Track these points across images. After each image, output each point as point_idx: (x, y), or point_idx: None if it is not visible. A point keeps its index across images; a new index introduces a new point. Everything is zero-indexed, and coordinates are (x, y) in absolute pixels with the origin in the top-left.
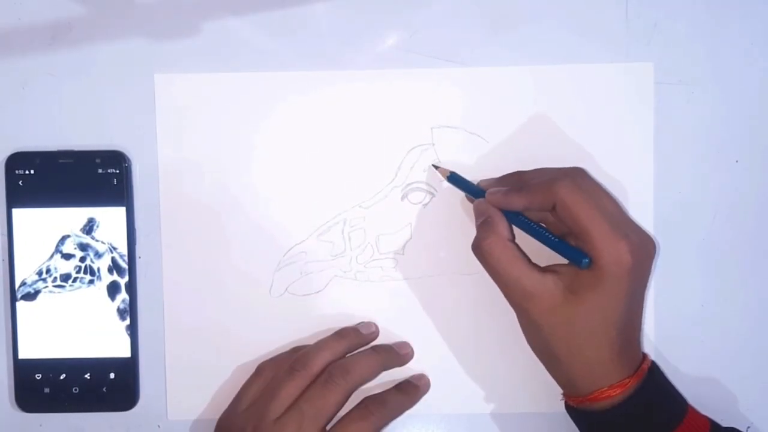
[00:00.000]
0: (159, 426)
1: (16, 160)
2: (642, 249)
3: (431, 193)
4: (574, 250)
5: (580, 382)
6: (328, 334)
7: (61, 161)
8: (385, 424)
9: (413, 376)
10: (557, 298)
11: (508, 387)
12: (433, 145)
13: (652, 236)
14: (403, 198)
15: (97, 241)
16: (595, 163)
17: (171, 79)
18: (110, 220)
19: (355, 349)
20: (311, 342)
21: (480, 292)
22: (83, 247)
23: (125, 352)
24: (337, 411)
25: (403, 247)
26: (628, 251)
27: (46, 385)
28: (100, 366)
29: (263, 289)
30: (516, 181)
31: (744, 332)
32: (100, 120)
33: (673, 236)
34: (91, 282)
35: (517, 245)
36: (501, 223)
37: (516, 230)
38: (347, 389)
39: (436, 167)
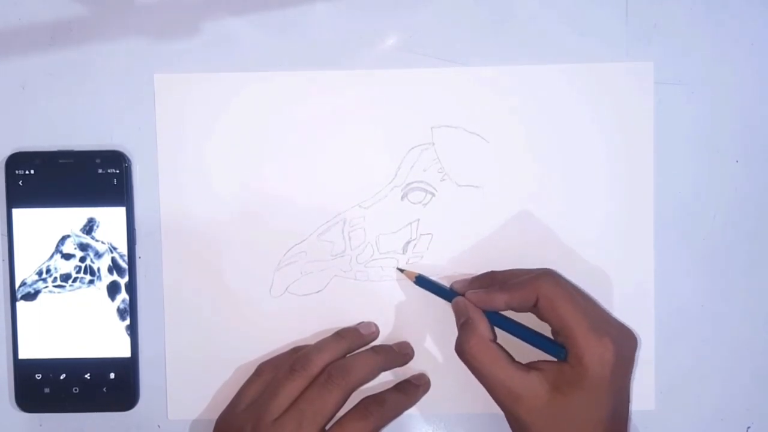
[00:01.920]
0: (159, 426)
1: (16, 160)
2: (624, 344)
3: (431, 193)
4: (552, 344)
5: None
6: (328, 334)
7: (61, 161)
8: (385, 423)
9: (413, 376)
10: (543, 397)
11: None
12: (433, 144)
13: (632, 330)
14: (403, 198)
15: (97, 241)
16: (595, 163)
17: (171, 79)
18: (110, 220)
19: (355, 349)
20: (311, 342)
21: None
22: (83, 247)
23: (125, 352)
24: (337, 411)
25: (404, 246)
26: (611, 348)
27: (46, 385)
28: (100, 366)
29: (263, 288)
30: (490, 280)
31: (744, 332)
32: (100, 120)
33: (673, 236)
34: (91, 282)
35: (499, 345)
36: (482, 324)
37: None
38: (347, 390)
39: (401, 270)
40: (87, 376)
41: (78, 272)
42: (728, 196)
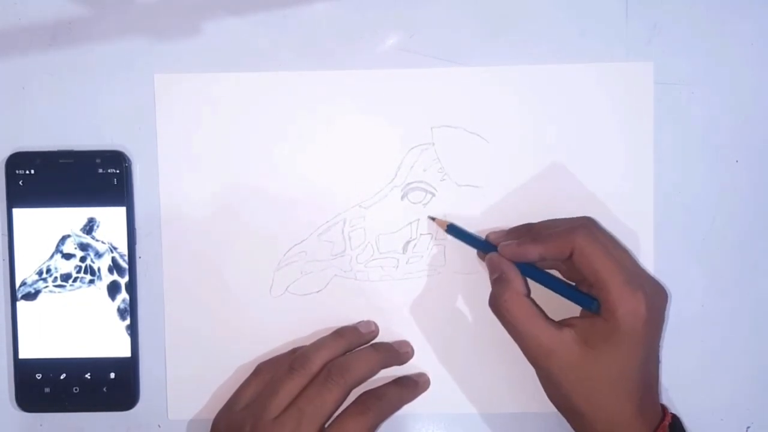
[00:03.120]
0: (159, 426)
1: (17, 160)
2: (656, 300)
3: (431, 193)
4: (585, 295)
5: None
6: (328, 333)
7: (61, 161)
8: (384, 418)
9: (414, 373)
10: (575, 353)
11: (507, 387)
12: (433, 144)
13: (663, 286)
14: (403, 197)
15: (97, 240)
16: (595, 163)
17: (171, 79)
18: (110, 220)
19: (355, 347)
20: (311, 341)
21: (480, 291)
22: (83, 246)
23: (125, 352)
24: (336, 409)
25: (404, 246)
26: (644, 302)
27: (46, 384)
28: (100, 366)
29: (264, 288)
30: (526, 232)
31: (744, 332)
32: (100, 120)
33: (673, 236)
34: (91, 282)
35: (533, 301)
36: (516, 279)
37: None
38: (346, 388)
39: (433, 219)
40: (87, 375)
41: (78, 272)
42: (728, 196)
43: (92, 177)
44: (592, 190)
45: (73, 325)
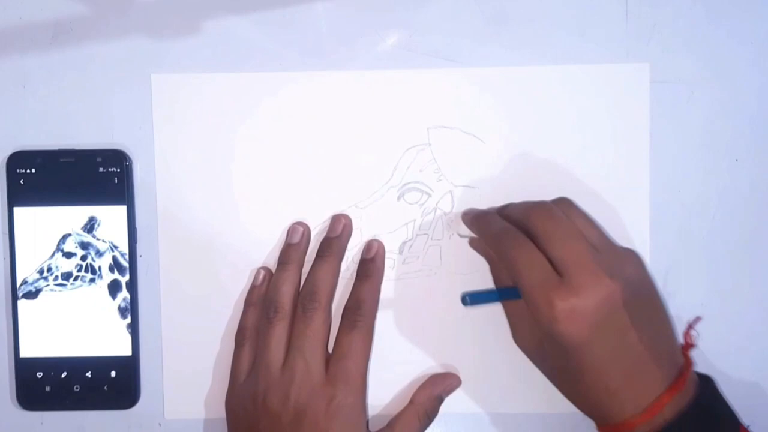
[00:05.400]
0: (160, 424)
1: (17, 159)
2: (632, 271)
3: (427, 194)
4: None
5: (628, 403)
6: (275, 270)
7: (62, 160)
8: (373, 317)
9: (363, 251)
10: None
11: (507, 387)
12: (430, 145)
13: (630, 249)
14: (399, 198)
15: (98, 239)
16: (592, 164)
17: (168, 79)
18: (111, 218)
19: (302, 261)
20: None
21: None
22: (84, 245)
23: (126, 351)
24: (328, 329)
25: (400, 247)
26: (617, 287)
27: (47, 383)
28: (101, 364)
29: None
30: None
31: (744, 332)
32: (101, 119)
33: (673, 236)
34: (92, 280)
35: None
36: None
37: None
38: (324, 308)
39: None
40: (88, 374)
41: (79, 271)
42: (728, 196)
43: (93, 176)
44: (588, 191)
45: (74, 324)
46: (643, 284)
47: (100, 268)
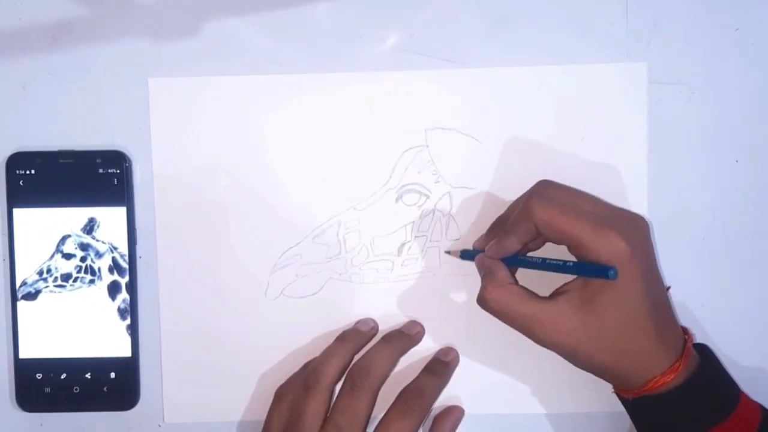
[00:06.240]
0: (159, 426)
1: (17, 160)
2: (634, 231)
3: (426, 195)
4: (595, 266)
5: (633, 377)
6: (325, 336)
7: (61, 161)
8: (426, 415)
9: (440, 352)
10: (577, 316)
11: (506, 387)
12: (427, 146)
13: (638, 215)
14: (397, 200)
15: (97, 240)
16: (590, 164)
17: (165, 83)
18: (111, 220)
19: (360, 348)
20: (308, 345)
21: (474, 293)
22: (84, 246)
23: (126, 352)
24: (370, 413)
25: (398, 249)
26: (621, 238)
27: (46, 384)
28: (100, 365)
29: (259, 291)
30: (500, 226)
31: (744, 332)
32: (100, 120)
33: (673, 236)
34: (91, 282)
35: (520, 286)
36: (499, 271)
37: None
38: (373, 390)
39: (448, 252)
40: (87, 375)
41: (79, 272)
42: (728, 196)
43: (93, 177)
44: (587, 191)
45: (74, 325)
46: (651, 247)
47: (99, 269)
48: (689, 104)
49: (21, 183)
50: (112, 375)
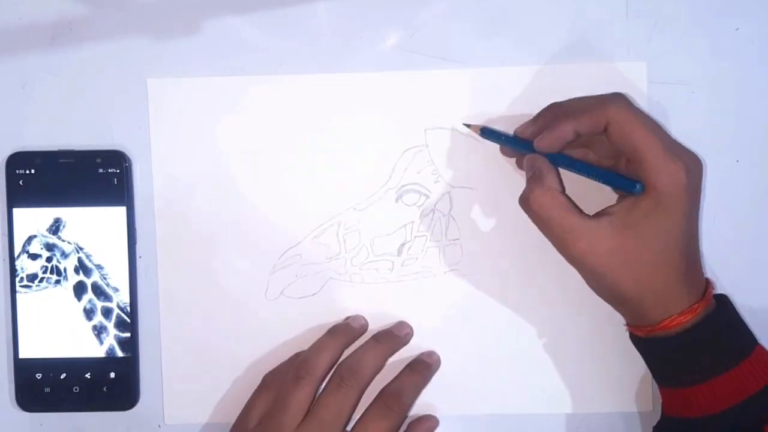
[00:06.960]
0: (159, 426)
1: (17, 159)
2: (695, 168)
3: (425, 195)
4: (626, 178)
5: (651, 312)
6: (323, 334)
7: (61, 161)
8: (406, 414)
9: (424, 353)
10: (615, 238)
11: (505, 387)
12: (427, 146)
13: (698, 155)
14: (397, 200)
15: (63, 241)
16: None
17: (164, 83)
18: (111, 219)
19: (351, 343)
20: (308, 345)
21: (475, 293)
22: (50, 247)
23: (126, 352)
24: (353, 411)
25: (398, 249)
26: (683, 169)
27: (46, 384)
28: (100, 365)
29: (259, 292)
30: (556, 110)
31: None
32: (100, 120)
33: None
34: (57, 282)
35: (567, 197)
36: (550, 175)
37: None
38: (360, 388)
39: (468, 125)
40: (87, 375)
41: (45, 272)
42: (728, 196)
43: (92, 177)
44: (586, 192)
45: (73, 325)
46: (701, 190)
47: (65, 269)
48: (689, 104)
49: (21, 183)
50: (112, 375)
